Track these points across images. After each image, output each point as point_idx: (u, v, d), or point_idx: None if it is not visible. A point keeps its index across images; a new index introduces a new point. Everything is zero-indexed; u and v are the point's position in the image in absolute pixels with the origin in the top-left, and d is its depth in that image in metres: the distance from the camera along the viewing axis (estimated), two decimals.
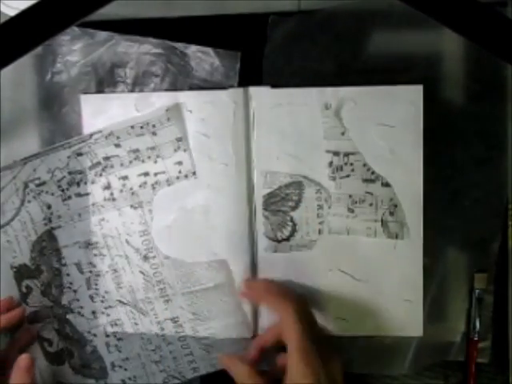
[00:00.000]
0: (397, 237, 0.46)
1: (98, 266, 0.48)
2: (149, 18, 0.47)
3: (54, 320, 0.50)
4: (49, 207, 0.48)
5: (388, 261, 0.47)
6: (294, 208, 0.47)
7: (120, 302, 0.49)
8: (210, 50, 0.47)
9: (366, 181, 0.46)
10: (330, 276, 0.47)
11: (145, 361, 0.49)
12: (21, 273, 0.50)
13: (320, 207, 0.47)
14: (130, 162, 0.47)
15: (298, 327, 0.40)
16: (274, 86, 0.46)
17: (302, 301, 0.43)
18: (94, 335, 0.49)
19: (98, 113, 0.48)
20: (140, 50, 0.48)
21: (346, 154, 0.46)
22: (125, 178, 0.47)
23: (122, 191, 0.48)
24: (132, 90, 0.48)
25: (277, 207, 0.47)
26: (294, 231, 0.47)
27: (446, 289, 0.47)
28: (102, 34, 0.48)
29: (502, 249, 0.46)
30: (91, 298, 0.49)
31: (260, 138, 0.46)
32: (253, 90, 0.46)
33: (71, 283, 0.49)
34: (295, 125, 0.46)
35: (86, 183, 0.48)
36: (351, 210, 0.46)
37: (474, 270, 0.47)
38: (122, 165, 0.47)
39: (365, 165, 0.46)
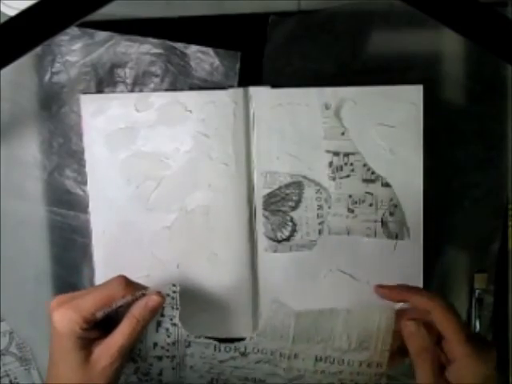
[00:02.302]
0: (397, 237, 0.46)
1: None
2: (149, 17, 0.47)
3: None
4: None
5: (388, 261, 0.47)
6: (294, 208, 0.47)
7: None
8: (209, 50, 0.47)
9: (365, 181, 0.46)
10: (330, 276, 0.47)
11: None
12: None
13: (320, 207, 0.47)
14: None
15: (459, 320, 0.39)
16: (274, 86, 0.46)
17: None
18: None
19: (98, 113, 0.48)
20: (140, 50, 0.48)
21: (346, 154, 0.46)
22: None
23: None
24: (132, 90, 0.48)
25: (277, 207, 0.47)
26: (293, 231, 0.47)
27: (446, 289, 0.47)
28: (102, 34, 0.48)
29: (502, 249, 0.47)
30: None
31: (260, 138, 0.46)
32: (253, 90, 0.46)
33: None
34: (295, 125, 0.46)
35: None
36: (351, 210, 0.46)
37: (474, 269, 0.47)
38: None
39: (365, 165, 0.46)
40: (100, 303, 0.40)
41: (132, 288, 0.41)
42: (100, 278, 0.49)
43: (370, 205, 0.46)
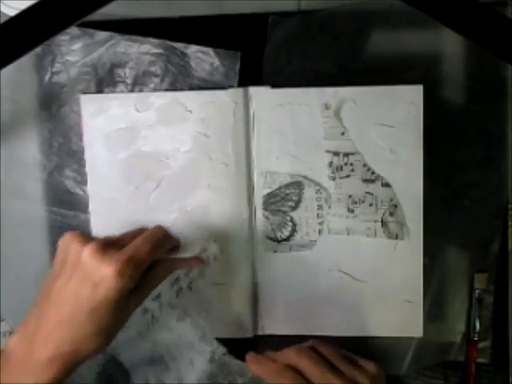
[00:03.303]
0: (397, 237, 0.46)
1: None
2: (149, 18, 0.47)
3: None
4: None
5: (388, 261, 0.47)
6: (293, 208, 0.47)
7: None
8: (209, 50, 0.47)
9: (365, 181, 0.46)
10: (330, 276, 0.47)
11: None
12: None
13: (320, 207, 0.47)
14: None
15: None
16: (274, 86, 0.46)
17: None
18: None
19: (98, 113, 0.48)
20: (140, 50, 0.48)
21: (346, 154, 0.46)
22: None
23: None
24: (132, 90, 0.48)
25: (277, 207, 0.47)
26: (293, 231, 0.47)
27: (446, 289, 0.47)
28: (102, 34, 0.48)
29: (502, 249, 0.46)
30: None
31: (260, 138, 0.46)
32: (253, 90, 0.46)
33: None
34: (295, 125, 0.46)
35: None
36: (351, 210, 0.46)
37: (474, 269, 0.47)
38: None
39: (365, 165, 0.46)
40: (154, 254, 0.40)
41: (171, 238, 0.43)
42: None
43: (370, 205, 0.46)
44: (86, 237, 0.39)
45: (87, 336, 0.37)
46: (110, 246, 0.38)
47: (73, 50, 0.48)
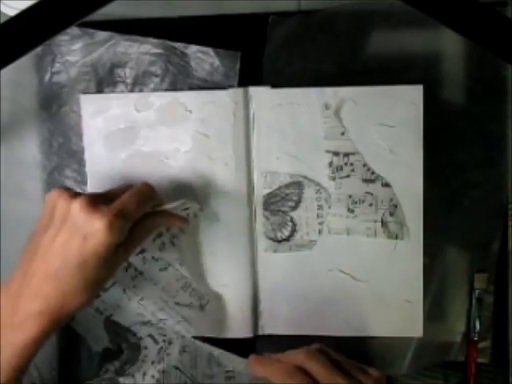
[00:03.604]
0: (397, 237, 0.46)
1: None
2: (149, 18, 0.47)
3: None
4: None
5: (388, 261, 0.47)
6: (293, 208, 0.47)
7: None
8: (209, 50, 0.47)
9: (365, 181, 0.46)
10: (330, 276, 0.47)
11: None
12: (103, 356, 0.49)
13: (320, 207, 0.47)
14: None
15: None
16: (274, 86, 0.46)
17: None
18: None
19: (98, 113, 0.48)
20: (140, 50, 0.48)
21: (346, 154, 0.46)
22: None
23: None
24: (132, 90, 0.48)
25: (277, 207, 0.47)
26: (293, 231, 0.47)
27: (446, 289, 0.47)
28: (102, 34, 0.48)
29: (502, 249, 0.46)
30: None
31: (260, 138, 0.46)
32: (253, 90, 0.46)
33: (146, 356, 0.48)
34: (295, 125, 0.46)
35: None
36: (351, 210, 0.46)
37: (474, 269, 0.47)
38: None
39: (365, 165, 0.46)
40: (141, 208, 0.40)
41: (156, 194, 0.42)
42: None
43: (370, 205, 0.46)
44: (74, 192, 0.39)
45: (75, 290, 0.37)
46: (98, 200, 0.38)
47: (73, 50, 0.48)
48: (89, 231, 0.37)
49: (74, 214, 0.37)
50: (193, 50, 0.47)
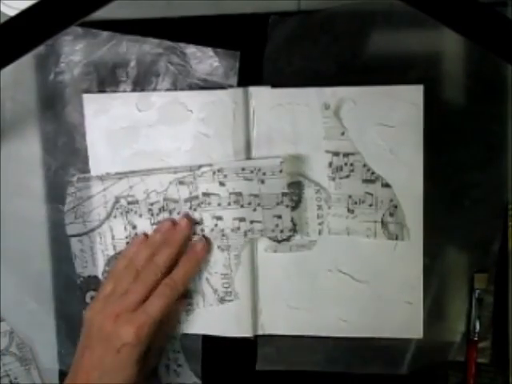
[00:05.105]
0: (397, 238, 0.46)
1: None
2: (149, 18, 0.47)
3: None
4: (134, 227, 0.48)
5: (388, 262, 0.47)
6: (293, 208, 0.47)
7: None
8: (209, 49, 0.47)
9: (365, 181, 0.46)
10: (330, 276, 0.47)
11: None
12: (88, 283, 0.49)
13: (320, 207, 0.47)
14: (229, 203, 0.46)
15: None
16: (274, 85, 0.46)
17: None
18: None
19: (100, 112, 0.48)
20: (141, 50, 0.48)
21: (346, 154, 0.46)
22: (219, 218, 0.46)
23: (212, 230, 0.47)
24: (133, 90, 0.48)
25: None
26: (294, 231, 0.47)
27: (446, 289, 0.47)
28: (104, 34, 0.48)
29: (502, 249, 0.46)
30: None
31: (260, 138, 0.46)
32: (253, 90, 0.46)
33: None
34: (295, 125, 0.46)
35: (178, 213, 0.47)
36: (351, 211, 0.46)
37: (473, 270, 0.47)
38: (219, 204, 0.46)
39: (365, 165, 0.46)
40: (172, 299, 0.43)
41: None
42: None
43: (370, 205, 0.46)
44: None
45: None
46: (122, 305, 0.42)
47: (75, 50, 0.48)
48: (120, 345, 0.40)
49: (103, 329, 0.41)
50: (193, 49, 0.47)
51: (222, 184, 0.46)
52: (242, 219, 0.46)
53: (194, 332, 0.49)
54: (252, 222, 0.46)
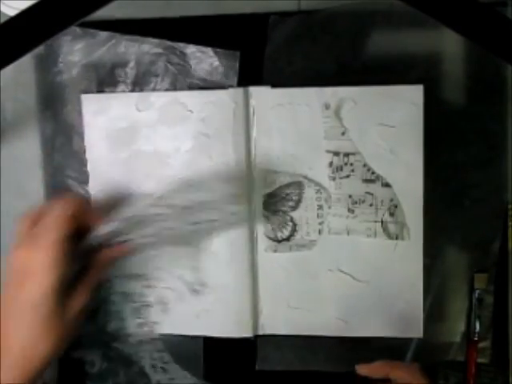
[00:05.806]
0: (397, 237, 0.46)
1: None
2: (149, 18, 0.47)
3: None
4: None
5: (388, 261, 0.47)
6: (294, 208, 0.47)
7: None
8: (209, 49, 0.47)
9: (365, 181, 0.46)
10: (330, 276, 0.47)
11: None
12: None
13: (320, 207, 0.47)
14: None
15: None
16: (275, 85, 0.46)
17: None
18: (141, 357, 0.50)
19: (99, 112, 0.48)
20: (140, 50, 0.48)
21: (346, 154, 0.46)
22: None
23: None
24: (132, 90, 0.48)
25: (277, 207, 0.47)
26: (293, 231, 0.47)
27: (446, 289, 0.47)
28: (103, 34, 0.48)
29: (502, 249, 0.46)
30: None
31: (260, 138, 0.46)
32: (253, 90, 0.46)
33: (118, 311, 0.49)
34: (295, 125, 0.46)
35: None
36: (351, 211, 0.46)
37: (474, 269, 0.47)
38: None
39: (365, 165, 0.46)
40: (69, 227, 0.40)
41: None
42: None
43: (370, 205, 0.46)
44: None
45: (36, 338, 0.37)
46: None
47: (74, 50, 0.48)
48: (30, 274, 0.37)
49: (15, 259, 0.38)
50: (192, 49, 0.47)
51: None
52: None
53: (194, 334, 0.49)
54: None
